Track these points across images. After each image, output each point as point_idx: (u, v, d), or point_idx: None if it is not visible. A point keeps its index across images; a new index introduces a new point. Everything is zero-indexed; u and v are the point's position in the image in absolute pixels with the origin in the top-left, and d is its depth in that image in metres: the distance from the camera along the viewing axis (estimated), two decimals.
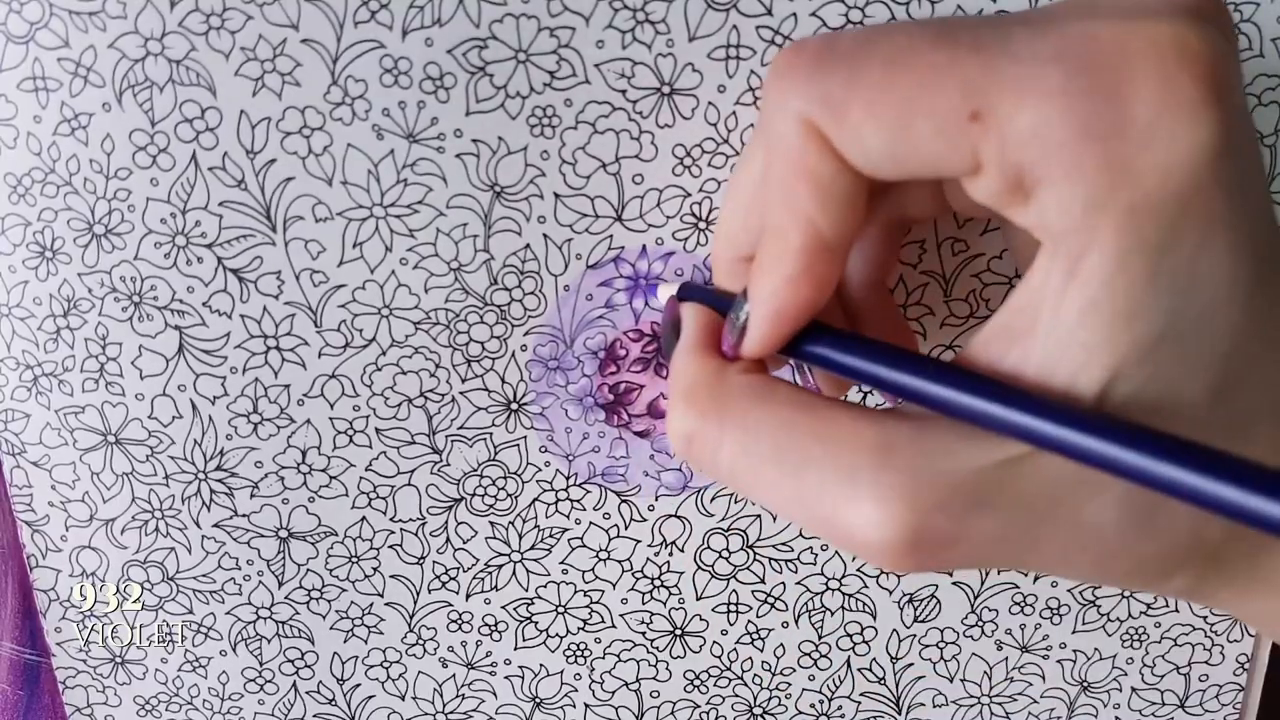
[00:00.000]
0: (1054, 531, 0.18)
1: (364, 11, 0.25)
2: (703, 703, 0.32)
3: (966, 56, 0.17)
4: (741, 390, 0.21)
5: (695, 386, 0.21)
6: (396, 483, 0.29)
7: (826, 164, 0.19)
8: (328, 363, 0.28)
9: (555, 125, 0.26)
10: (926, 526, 0.18)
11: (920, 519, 0.18)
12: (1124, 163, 0.16)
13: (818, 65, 0.18)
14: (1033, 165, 0.17)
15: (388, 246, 0.27)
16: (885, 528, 0.18)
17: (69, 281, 0.27)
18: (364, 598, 0.31)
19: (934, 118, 0.17)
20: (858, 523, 0.18)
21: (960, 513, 0.18)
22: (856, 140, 0.18)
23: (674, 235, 0.27)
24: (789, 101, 0.19)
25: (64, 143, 0.26)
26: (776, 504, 0.20)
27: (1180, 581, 0.20)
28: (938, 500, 0.18)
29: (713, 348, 0.22)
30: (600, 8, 0.25)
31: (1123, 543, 0.19)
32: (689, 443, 0.21)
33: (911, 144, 0.18)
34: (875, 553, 0.19)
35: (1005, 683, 0.32)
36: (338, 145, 0.26)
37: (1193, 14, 0.17)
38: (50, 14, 0.25)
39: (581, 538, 0.30)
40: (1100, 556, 0.19)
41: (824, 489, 0.19)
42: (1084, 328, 0.17)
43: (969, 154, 0.17)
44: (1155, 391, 0.17)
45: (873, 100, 0.18)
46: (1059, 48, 0.17)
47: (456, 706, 0.32)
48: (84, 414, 0.29)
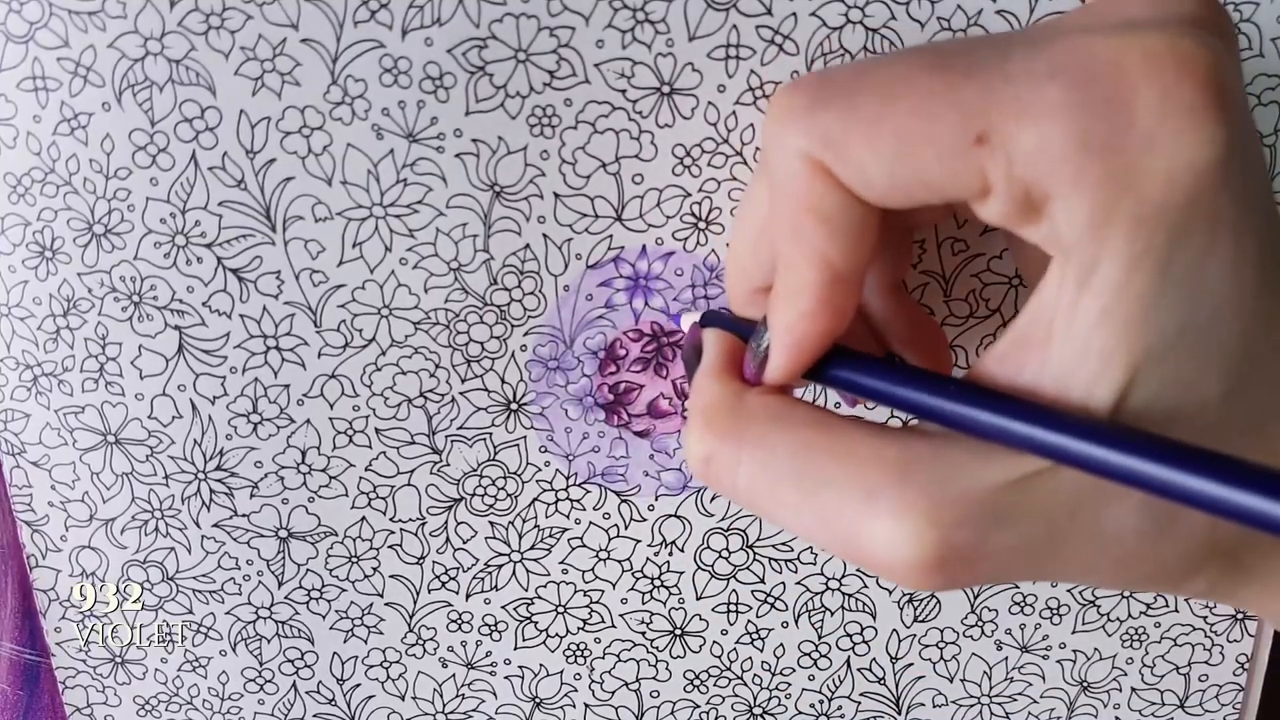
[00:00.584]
0: (1074, 541, 0.18)
1: (364, 11, 0.25)
2: (703, 703, 0.32)
3: (962, 81, 0.17)
4: (759, 412, 0.21)
5: (714, 408, 0.21)
6: (396, 483, 0.29)
7: (832, 198, 0.19)
8: (327, 363, 0.28)
9: (555, 125, 0.26)
10: (949, 544, 0.18)
11: (943, 536, 0.18)
12: (1128, 172, 0.16)
13: (813, 103, 0.18)
14: (1039, 182, 0.17)
15: (387, 246, 0.27)
16: (908, 546, 0.18)
17: (69, 281, 0.27)
18: (364, 598, 0.31)
19: (936, 145, 0.17)
20: (880, 542, 0.19)
21: (982, 529, 0.18)
22: (859, 174, 0.18)
23: (674, 235, 0.27)
24: (789, 141, 0.19)
25: (64, 142, 0.26)
26: (796, 525, 0.20)
27: (1201, 582, 0.20)
28: (959, 517, 0.18)
29: (732, 371, 0.23)
30: (600, 7, 0.25)
31: (1143, 547, 0.19)
32: (707, 464, 0.21)
33: (915, 172, 0.18)
34: (898, 572, 0.19)
35: (1005, 683, 0.32)
36: (337, 145, 0.26)
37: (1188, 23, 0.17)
38: (50, 14, 0.25)
39: (581, 538, 0.30)
40: (1121, 562, 0.19)
41: (844, 509, 0.19)
42: (1098, 336, 0.17)
43: (976, 177, 0.17)
44: (1170, 396, 0.18)
45: (870, 133, 0.18)
46: (1056, 64, 0.17)
47: (456, 706, 0.32)
48: (84, 414, 0.29)
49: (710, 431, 0.21)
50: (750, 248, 0.23)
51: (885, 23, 0.25)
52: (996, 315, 0.28)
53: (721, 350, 0.23)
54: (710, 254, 0.27)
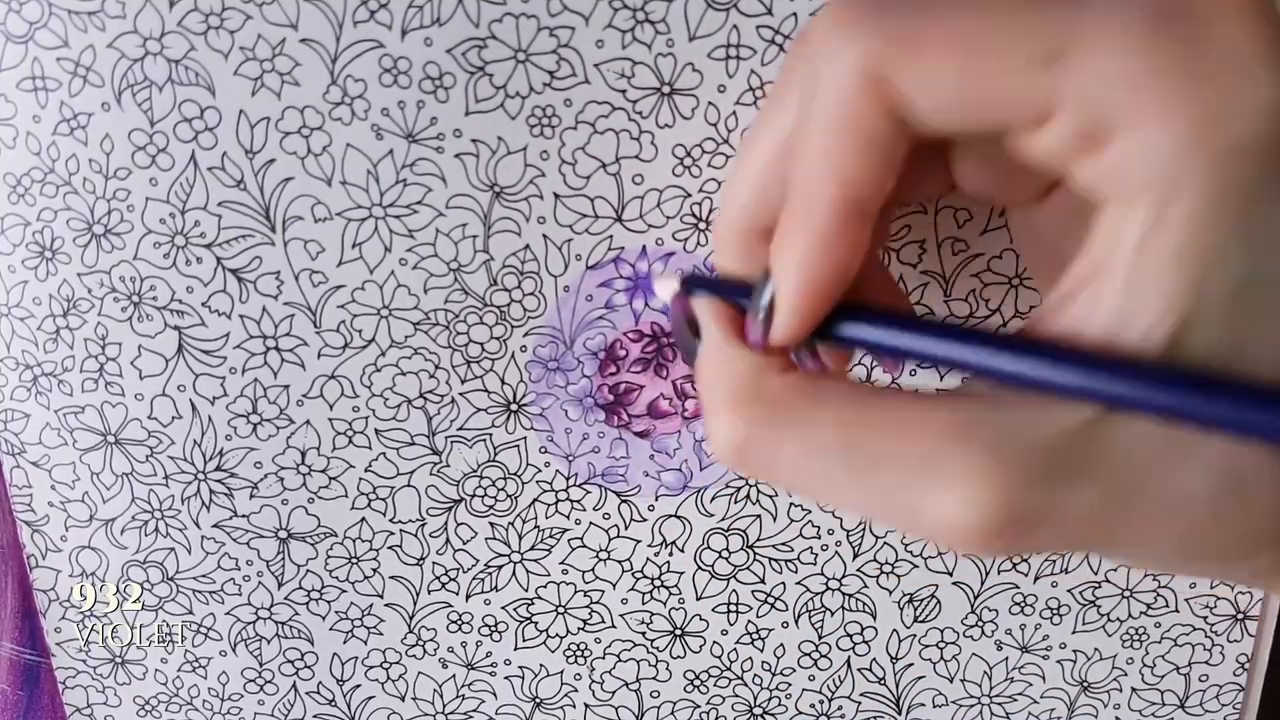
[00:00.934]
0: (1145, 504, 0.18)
1: (363, 11, 0.25)
2: (703, 703, 0.32)
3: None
4: (788, 391, 0.20)
5: (737, 392, 0.20)
6: (396, 484, 0.29)
7: (879, 115, 0.18)
8: (327, 363, 0.28)
9: (555, 125, 0.26)
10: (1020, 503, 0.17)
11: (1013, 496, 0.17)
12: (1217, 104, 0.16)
13: (879, 9, 0.18)
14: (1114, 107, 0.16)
15: (387, 247, 0.27)
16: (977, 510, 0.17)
17: (69, 281, 0.27)
18: (364, 598, 0.31)
19: (1007, 60, 0.16)
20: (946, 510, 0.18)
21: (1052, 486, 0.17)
22: (927, 82, 0.17)
23: (674, 235, 0.27)
24: (845, 50, 0.18)
25: (63, 142, 0.26)
26: (850, 504, 0.19)
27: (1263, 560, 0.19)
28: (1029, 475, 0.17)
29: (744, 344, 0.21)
30: (600, 7, 0.25)
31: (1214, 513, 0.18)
32: (741, 453, 0.20)
33: (980, 89, 0.17)
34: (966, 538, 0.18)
35: (1005, 683, 0.32)
36: (337, 145, 0.26)
37: None
38: (49, 14, 0.25)
39: (581, 538, 0.30)
40: (1189, 530, 0.18)
41: (903, 482, 0.18)
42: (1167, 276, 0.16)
43: (1042, 100, 0.17)
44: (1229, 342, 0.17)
45: (948, 38, 0.17)
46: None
47: (456, 707, 0.32)
48: (84, 414, 0.29)
49: (739, 417, 0.20)
50: (757, 178, 0.21)
51: None
52: (996, 315, 0.28)
53: (724, 321, 0.21)
54: (710, 254, 0.27)
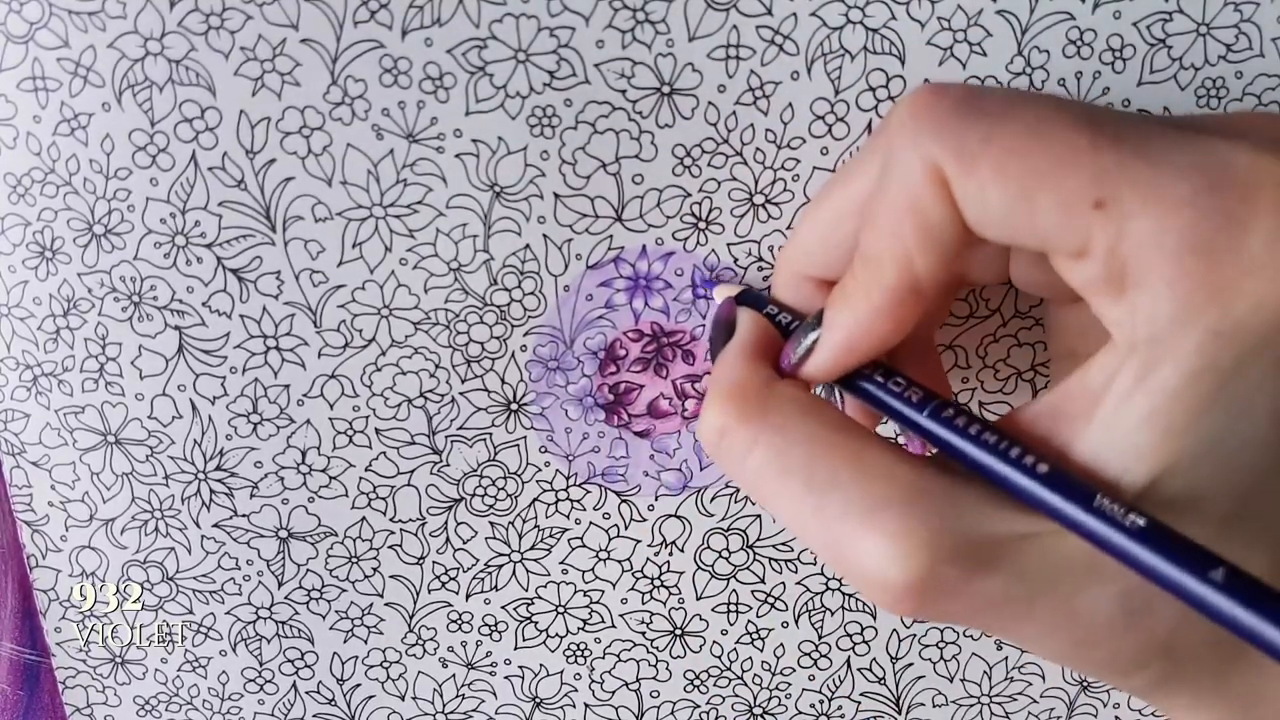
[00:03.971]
0: (1047, 608, 0.19)
1: (364, 11, 0.25)
2: (703, 703, 0.32)
3: (1107, 146, 0.18)
4: (787, 401, 0.21)
5: (740, 387, 0.22)
6: (396, 483, 0.29)
7: (941, 210, 0.19)
8: (327, 363, 0.28)
9: (555, 125, 0.26)
10: (935, 575, 0.19)
11: (932, 566, 0.18)
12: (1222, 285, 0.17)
13: (958, 115, 0.19)
14: (1138, 264, 0.17)
15: (387, 246, 0.27)
16: (896, 566, 0.19)
17: (69, 281, 0.27)
18: (364, 598, 0.31)
19: (1059, 194, 0.18)
20: (870, 555, 0.19)
21: (970, 570, 0.19)
22: (978, 196, 0.18)
23: (674, 235, 0.27)
24: (920, 141, 0.19)
25: (64, 143, 0.26)
26: (792, 518, 0.20)
27: (1144, 678, 0.20)
28: (952, 552, 0.19)
29: (764, 356, 0.23)
30: (600, 8, 0.25)
31: (1107, 633, 0.19)
32: (721, 436, 0.21)
33: (1029, 214, 0.18)
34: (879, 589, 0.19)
35: (1005, 683, 0.32)
36: (337, 145, 0.26)
37: None
38: (50, 14, 0.25)
39: (581, 538, 0.30)
40: (1081, 642, 0.19)
41: (846, 513, 0.19)
42: (1142, 433, 0.18)
43: (1081, 237, 0.18)
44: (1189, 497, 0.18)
45: (1005, 163, 0.18)
46: (1195, 163, 0.17)
47: (456, 706, 0.32)
48: (84, 414, 0.29)
49: (731, 407, 0.21)
50: (827, 228, 0.22)
51: (885, 23, 0.25)
52: (996, 315, 0.28)
53: (756, 332, 0.23)
54: (710, 254, 0.27)
